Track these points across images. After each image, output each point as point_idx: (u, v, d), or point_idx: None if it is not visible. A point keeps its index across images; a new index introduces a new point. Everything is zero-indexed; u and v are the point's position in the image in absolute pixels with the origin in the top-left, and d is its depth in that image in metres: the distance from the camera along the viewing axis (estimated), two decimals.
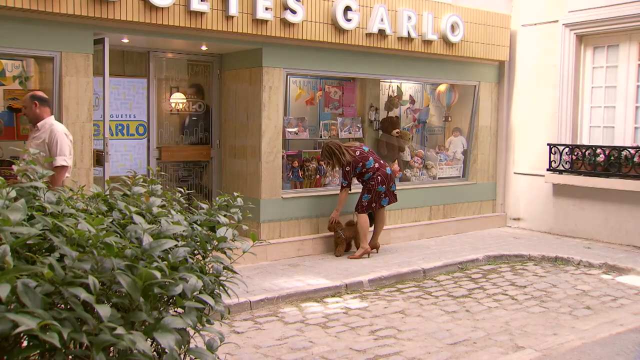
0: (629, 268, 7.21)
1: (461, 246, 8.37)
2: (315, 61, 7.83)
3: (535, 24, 9.61)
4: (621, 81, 8.72)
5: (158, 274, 1.85)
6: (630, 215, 8.43)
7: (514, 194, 9.97)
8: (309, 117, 8.56)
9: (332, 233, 7.73)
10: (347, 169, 7.56)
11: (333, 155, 7.55)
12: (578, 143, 9.11)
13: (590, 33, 8.95)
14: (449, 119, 10.10)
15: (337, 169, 7.89)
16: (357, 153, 7.64)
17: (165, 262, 2.18)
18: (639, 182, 8.17)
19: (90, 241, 2.01)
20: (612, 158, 8.47)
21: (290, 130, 8.13)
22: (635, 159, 8.21)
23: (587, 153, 8.74)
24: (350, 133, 8.72)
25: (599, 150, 8.61)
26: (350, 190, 7.68)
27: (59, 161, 5.37)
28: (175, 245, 2.30)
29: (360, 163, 7.58)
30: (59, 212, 2.30)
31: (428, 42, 8.62)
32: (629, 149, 8.32)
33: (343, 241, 7.65)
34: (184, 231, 2.58)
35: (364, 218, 7.62)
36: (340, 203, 7.61)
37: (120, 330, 1.60)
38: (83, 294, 1.65)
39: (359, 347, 4.79)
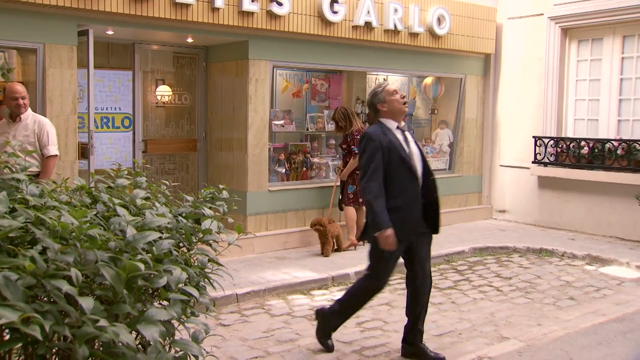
0: (611, 259, 7.30)
1: (447, 238, 8.41)
2: (301, 53, 7.82)
3: (521, 17, 9.66)
4: (605, 74, 8.79)
5: (142, 266, 1.85)
6: (613, 207, 8.53)
7: (500, 187, 10.04)
8: (295, 110, 8.55)
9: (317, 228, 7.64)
10: (359, 137, 7.54)
11: (347, 117, 7.57)
12: (563, 135, 9.18)
13: (575, 26, 9.01)
14: (435, 112, 10.14)
15: (342, 135, 7.75)
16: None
17: (150, 255, 2.18)
18: (622, 175, 8.26)
19: (74, 234, 2.00)
20: (596, 150, 8.55)
21: (276, 122, 8.11)
22: (619, 152, 8.30)
23: (571, 145, 8.81)
24: None
25: (583, 143, 8.68)
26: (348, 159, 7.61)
27: (53, 150, 5.44)
28: (160, 238, 2.30)
29: None
30: (41, 204, 2.29)
31: (414, 35, 8.63)
32: (613, 142, 8.40)
33: (330, 239, 7.35)
34: (168, 223, 2.57)
35: (350, 210, 7.63)
36: (350, 168, 7.52)
37: (103, 322, 1.60)
38: (65, 287, 1.64)
39: (346, 339, 4.81)
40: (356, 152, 7.51)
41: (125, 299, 1.85)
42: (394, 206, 4.07)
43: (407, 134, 4.32)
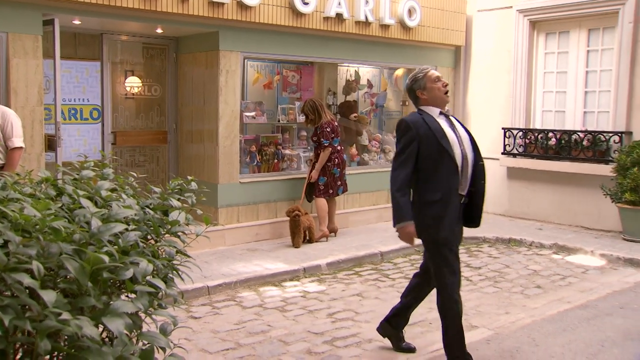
0: (577, 248, 7.46)
1: None
2: (272, 45, 7.78)
3: (490, 10, 9.76)
4: (571, 67, 8.95)
5: (106, 258, 1.83)
6: (579, 197, 8.71)
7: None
8: (266, 101, 8.51)
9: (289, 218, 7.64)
10: (328, 129, 7.56)
11: (315, 110, 7.58)
12: (531, 127, 9.32)
13: (543, 19, 9.14)
14: (406, 103, 10.18)
15: (312, 127, 7.77)
16: (335, 124, 7.72)
17: (116, 247, 2.15)
18: (587, 165, 8.44)
19: (38, 226, 1.97)
20: (562, 142, 8.71)
21: (247, 114, 8.07)
22: (584, 143, 8.46)
23: (539, 137, 8.96)
24: None
25: (550, 134, 8.84)
26: (331, 149, 7.63)
27: (18, 142, 5.32)
28: (126, 229, 2.27)
29: (333, 135, 7.62)
30: (4, 197, 2.24)
31: (385, 27, 8.66)
32: (579, 133, 8.57)
33: (301, 231, 7.37)
34: (135, 215, 2.55)
35: (321, 201, 7.65)
36: (321, 162, 7.57)
37: (66, 315, 1.57)
38: (27, 280, 1.62)
39: (317, 330, 4.84)
40: (325, 144, 7.53)
41: (89, 291, 1.83)
42: (432, 200, 3.80)
43: (453, 118, 4.01)
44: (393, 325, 4.42)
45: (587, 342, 4.51)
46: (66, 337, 1.78)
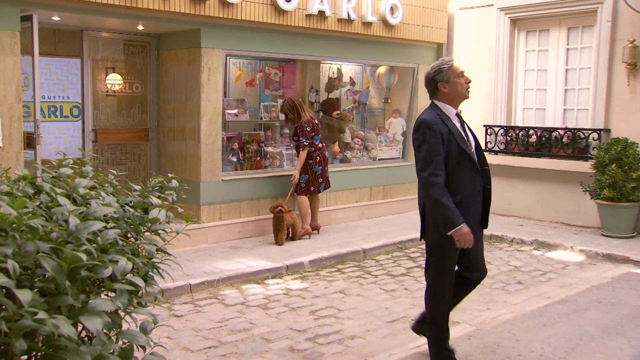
0: (557, 244, 7.55)
1: (401, 226, 8.54)
2: (255, 42, 7.75)
3: (472, 8, 9.82)
4: (551, 65, 9.04)
5: (84, 257, 1.81)
6: (560, 193, 8.80)
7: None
8: (249, 99, 8.49)
9: (273, 215, 7.63)
10: (307, 128, 7.54)
11: (294, 109, 7.55)
12: (512, 124, 9.41)
13: (523, 17, 9.22)
14: (389, 101, 10.23)
15: (292, 126, 7.77)
16: (315, 122, 7.70)
17: (95, 245, 2.13)
18: (567, 162, 8.54)
19: (15, 225, 1.94)
20: (543, 139, 8.80)
21: (230, 112, 8.04)
22: (564, 140, 8.56)
23: (520, 134, 9.04)
24: None
25: (531, 132, 8.92)
26: (313, 148, 7.63)
27: None
28: (105, 227, 2.25)
29: (313, 133, 7.61)
30: None
31: (368, 24, 8.67)
32: (559, 130, 8.66)
33: (285, 228, 7.36)
34: (115, 213, 2.53)
35: (302, 199, 7.65)
36: (301, 162, 7.56)
37: (42, 315, 1.56)
38: (2, 279, 1.60)
39: (299, 327, 4.85)
40: (305, 144, 7.53)
41: (67, 290, 1.81)
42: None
43: (464, 121, 3.93)
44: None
45: (566, 336, 4.57)
46: (43, 336, 1.76)
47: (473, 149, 3.84)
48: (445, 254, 3.83)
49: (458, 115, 3.86)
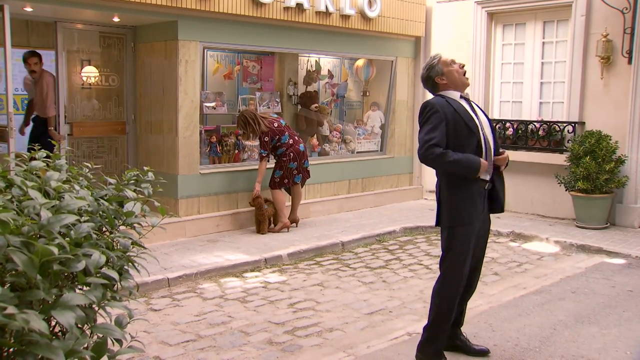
0: (533, 235, 7.65)
1: (379, 219, 8.58)
2: (232, 35, 7.71)
3: (449, 1, 9.86)
4: (528, 58, 9.13)
5: (55, 250, 1.79)
6: (536, 186, 8.92)
7: (430, 168, 10.26)
8: (227, 92, 8.45)
9: (253, 208, 7.64)
10: (266, 139, 7.50)
11: (247, 124, 7.46)
12: (489, 117, 9.46)
13: (500, 11, 9.29)
14: (367, 94, 10.25)
15: (252, 138, 7.77)
16: (275, 125, 7.61)
17: (68, 239, 2.11)
18: (542, 155, 8.65)
19: None
20: (519, 132, 8.90)
21: (208, 104, 7.99)
22: (540, 133, 8.66)
23: (497, 127, 9.12)
24: (269, 108, 8.67)
25: (508, 124, 9.01)
26: (269, 160, 7.63)
27: None
28: (78, 221, 2.23)
29: (277, 136, 7.57)
30: None
31: (346, 17, 8.67)
32: (535, 123, 8.76)
33: (266, 218, 7.51)
34: (89, 206, 2.50)
35: (278, 193, 7.64)
36: (261, 174, 7.54)
37: (11, 309, 1.54)
38: None
39: (278, 320, 4.85)
40: (263, 154, 7.50)
41: (39, 284, 1.79)
42: (459, 186, 3.75)
43: (473, 102, 3.92)
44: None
45: (540, 326, 4.64)
46: (14, 332, 1.74)
47: (488, 129, 3.83)
48: (461, 236, 3.76)
49: (465, 97, 3.85)
